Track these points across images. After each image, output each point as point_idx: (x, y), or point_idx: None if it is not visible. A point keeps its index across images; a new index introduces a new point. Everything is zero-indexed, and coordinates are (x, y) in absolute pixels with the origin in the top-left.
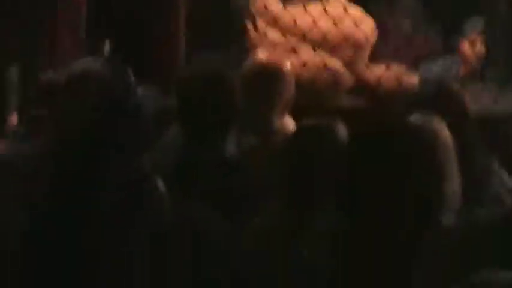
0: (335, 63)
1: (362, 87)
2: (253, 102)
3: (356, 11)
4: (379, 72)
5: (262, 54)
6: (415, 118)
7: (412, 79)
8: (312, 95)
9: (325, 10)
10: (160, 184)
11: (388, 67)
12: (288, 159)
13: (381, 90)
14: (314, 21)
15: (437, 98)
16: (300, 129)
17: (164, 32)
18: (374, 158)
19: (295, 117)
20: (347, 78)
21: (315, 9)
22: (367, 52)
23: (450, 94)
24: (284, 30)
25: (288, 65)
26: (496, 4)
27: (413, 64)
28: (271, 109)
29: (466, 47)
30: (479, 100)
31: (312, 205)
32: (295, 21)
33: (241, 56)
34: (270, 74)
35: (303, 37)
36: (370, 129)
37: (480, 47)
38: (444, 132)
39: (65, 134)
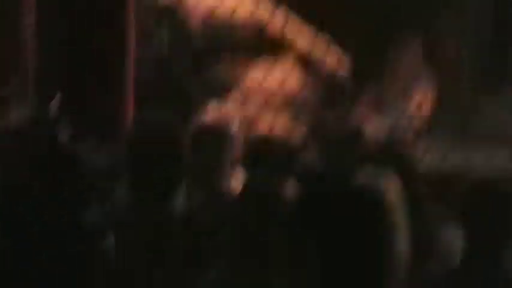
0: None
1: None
2: (201, 159)
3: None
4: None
5: (211, 112)
6: (364, 174)
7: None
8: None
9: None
10: (109, 239)
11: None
12: (237, 216)
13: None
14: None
15: (390, 153)
16: (248, 186)
17: (113, 91)
18: (323, 217)
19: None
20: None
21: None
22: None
23: (402, 150)
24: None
25: (236, 123)
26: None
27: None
28: (219, 166)
29: (417, 99)
30: (428, 156)
31: (264, 264)
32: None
33: (189, 113)
34: (218, 132)
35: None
36: (321, 189)
37: (428, 106)
38: (394, 188)
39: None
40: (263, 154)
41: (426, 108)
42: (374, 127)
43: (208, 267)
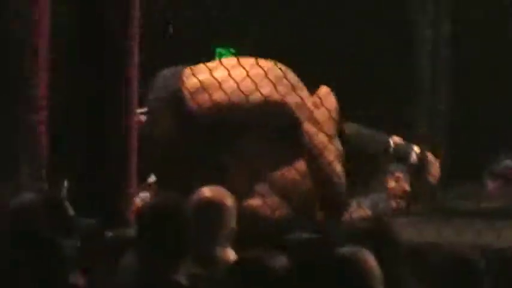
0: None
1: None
2: (196, 233)
3: None
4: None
5: (206, 191)
6: (346, 250)
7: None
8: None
9: None
10: None
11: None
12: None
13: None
14: None
15: (371, 231)
16: (240, 260)
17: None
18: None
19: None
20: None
21: None
22: None
23: (382, 228)
24: None
25: (229, 200)
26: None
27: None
28: (213, 240)
29: (392, 184)
30: (405, 232)
31: None
32: None
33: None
34: (212, 208)
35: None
36: (308, 260)
37: (404, 185)
38: (371, 262)
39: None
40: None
41: (402, 188)
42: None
43: None
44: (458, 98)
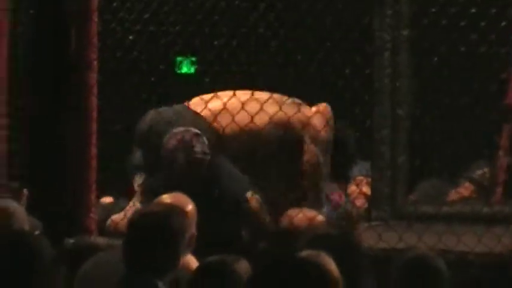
0: None
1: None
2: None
3: None
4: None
5: (166, 197)
6: (306, 253)
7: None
8: None
9: None
10: None
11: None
12: None
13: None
14: None
15: (331, 237)
16: (201, 266)
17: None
18: None
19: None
20: None
21: None
22: None
23: (342, 233)
24: None
25: (190, 207)
26: (380, 149)
27: None
28: (175, 247)
29: (353, 188)
30: (365, 238)
31: None
32: None
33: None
34: (172, 214)
35: None
36: (269, 265)
37: (366, 189)
38: (331, 266)
39: None
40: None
41: (364, 193)
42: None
43: None
44: (421, 101)
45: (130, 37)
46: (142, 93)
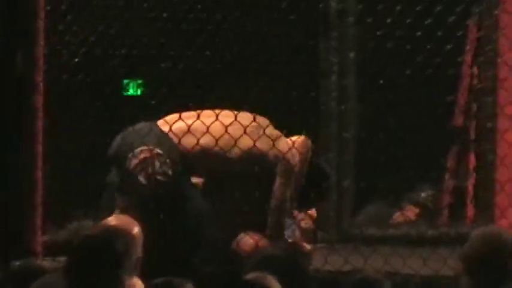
0: None
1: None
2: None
3: None
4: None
5: (112, 219)
6: (251, 276)
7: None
8: None
9: None
10: None
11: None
12: None
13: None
14: None
15: (278, 258)
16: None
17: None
18: None
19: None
20: None
21: None
22: None
23: (289, 255)
24: None
25: (136, 229)
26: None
27: None
28: (119, 269)
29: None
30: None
31: None
32: None
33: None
34: (116, 237)
35: None
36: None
37: (313, 212)
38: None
39: None
40: None
41: (311, 216)
42: None
43: None
44: (367, 124)
45: (76, 59)
46: (89, 115)
